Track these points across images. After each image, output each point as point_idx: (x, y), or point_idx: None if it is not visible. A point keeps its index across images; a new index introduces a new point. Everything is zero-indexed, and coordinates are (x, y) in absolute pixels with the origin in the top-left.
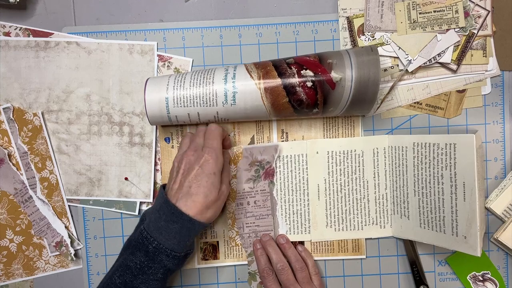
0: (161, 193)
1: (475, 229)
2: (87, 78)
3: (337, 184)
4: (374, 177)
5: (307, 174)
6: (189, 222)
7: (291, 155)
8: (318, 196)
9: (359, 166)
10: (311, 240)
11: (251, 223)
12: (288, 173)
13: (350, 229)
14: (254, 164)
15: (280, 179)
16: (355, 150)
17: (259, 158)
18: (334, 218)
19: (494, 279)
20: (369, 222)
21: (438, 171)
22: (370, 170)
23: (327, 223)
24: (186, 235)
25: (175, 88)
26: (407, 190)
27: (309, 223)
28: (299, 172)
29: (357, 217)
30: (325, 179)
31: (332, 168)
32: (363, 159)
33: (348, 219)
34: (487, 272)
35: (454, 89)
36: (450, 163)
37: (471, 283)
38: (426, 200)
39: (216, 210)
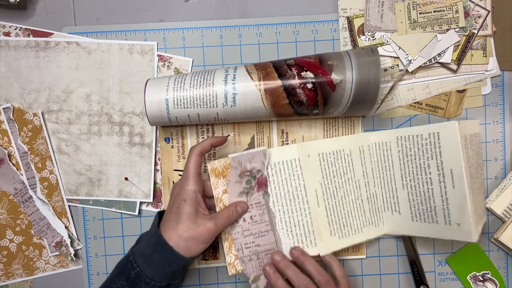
0: (155, 220)
1: (467, 214)
2: (87, 78)
3: (332, 187)
4: (364, 176)
5: (303, 180)
6: (171, 254)
7: (283, 161)
8: (318, 203)
9: (349, 166)
10: (319, 254)
11: (250, 242)
12: (282, 181)
13: (352, 234)
14: (244, 175)
15: (275, 189)
16: (343, 149)
17: (248, 167)
18: (336, 224)
19: (494, 279)
20: (366, 222)
21: (424, 161)
22: (359, 169)
23: (330, 231)
24: (167, 266)
25: (175, 89)
26: (395, 185)
27: (313, 234)
28: (295, 179)
29: (356, 219)
30: (321, 184)
31: (326, 170)
32: (352, 158)
33: (348, 222)
34: (487, 272)
35: (454, 89)
36: (436, 152)
37: (471, 283)
38: (415, 192)
39: (197, 245)
